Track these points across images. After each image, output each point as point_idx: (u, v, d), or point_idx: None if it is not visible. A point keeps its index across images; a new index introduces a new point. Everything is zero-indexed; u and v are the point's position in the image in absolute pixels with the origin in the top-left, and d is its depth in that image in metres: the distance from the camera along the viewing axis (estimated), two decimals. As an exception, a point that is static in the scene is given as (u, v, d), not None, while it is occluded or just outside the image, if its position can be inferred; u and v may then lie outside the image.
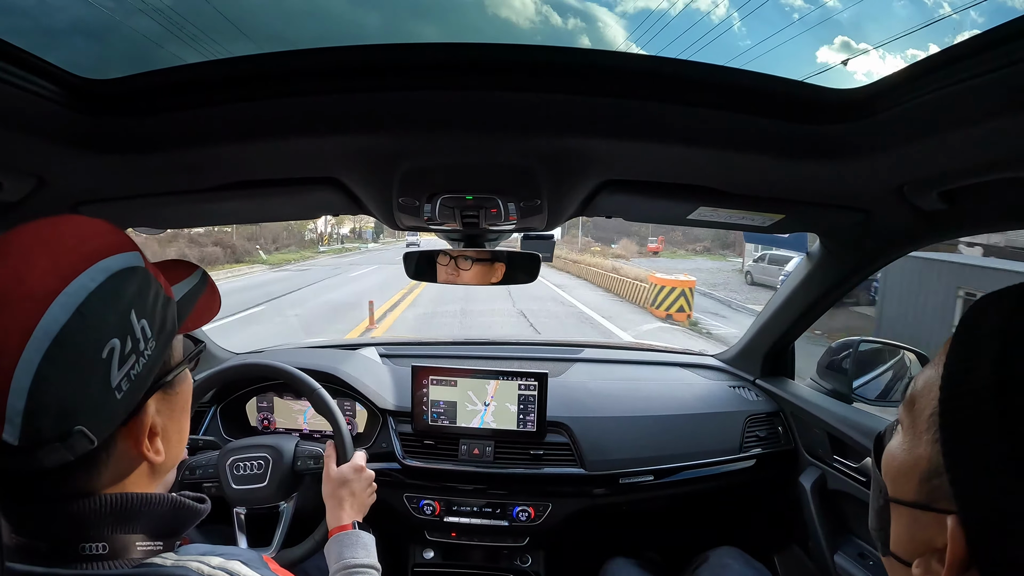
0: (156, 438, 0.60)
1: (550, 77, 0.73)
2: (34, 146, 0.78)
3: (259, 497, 1.41)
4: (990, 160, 0.72)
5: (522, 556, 1.80)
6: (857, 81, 0.68)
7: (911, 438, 0.48)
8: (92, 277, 0.52)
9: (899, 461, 0.50)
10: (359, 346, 2.17)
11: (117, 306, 0.53)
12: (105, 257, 0.54)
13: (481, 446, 1.72)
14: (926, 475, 0.45)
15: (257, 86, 0.76)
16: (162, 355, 0.59)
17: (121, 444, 0.57)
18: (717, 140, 0.80)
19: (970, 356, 0.43)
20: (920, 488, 0.46)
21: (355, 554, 1.11)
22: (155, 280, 0.59)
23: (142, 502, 0.59)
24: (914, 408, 0.49)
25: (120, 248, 0.56)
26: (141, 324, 0.55)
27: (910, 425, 0.49)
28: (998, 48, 0.57)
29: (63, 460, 0.50)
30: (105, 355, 0.51)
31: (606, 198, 1.08)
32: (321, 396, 1.44)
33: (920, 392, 0.48)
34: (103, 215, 1.09)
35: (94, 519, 0.56)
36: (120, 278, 0.54)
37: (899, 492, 0.49)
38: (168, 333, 0.60)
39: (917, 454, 0.47)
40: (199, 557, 0.60)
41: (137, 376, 0.55)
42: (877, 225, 1.10)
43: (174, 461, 0.67)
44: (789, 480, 1.79)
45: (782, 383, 1.91)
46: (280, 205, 1.21)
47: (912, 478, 0.47)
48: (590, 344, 2.38)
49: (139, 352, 0.55)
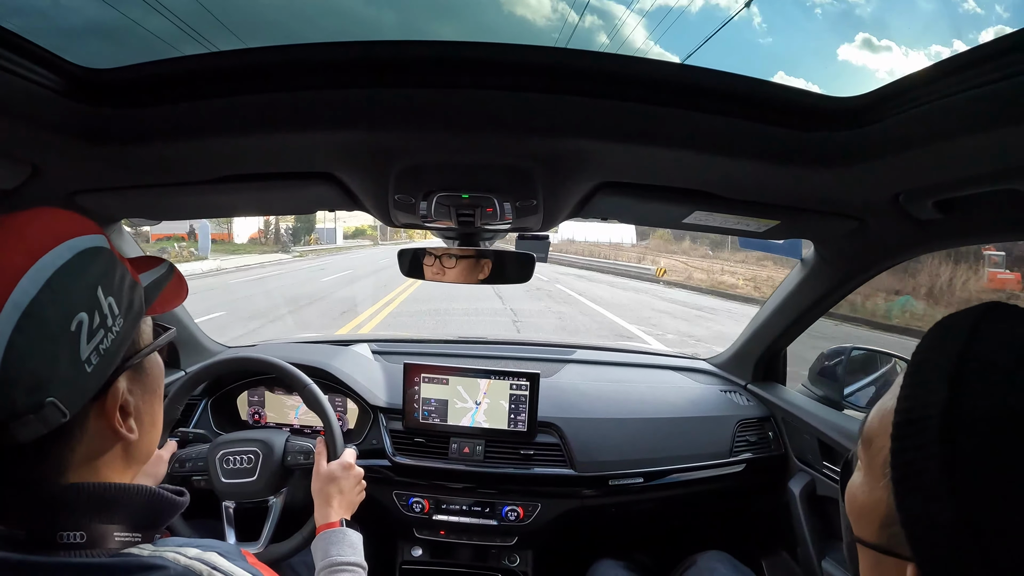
0: (129, 417, 0.62)
1: (548, 78, 0.73)
2: (29, 134, 0.78)
3: (248, 491, 1.40)
4: (986, 171, 0.72)
5: (510, 555, 1.80)
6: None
7: (870, 480, 0.48)
8: (59, 254, 0.54)
9: (859, 502, 0.50)
10: (351, 342, 2.16)
11: (84, 281, 0.55)
12: (72, 237, 0.56)
13: (471, 445, 1.72)
14: (885, 521, 0.45)
15: (254, 80, 0.76)
16: (130, 334, 0.61)
17: (94, 422, 0.58)
18: (713, 145, 0.80)
19: (917, 406, 0.43)
20: (880, 533, 0.46)
21: (342, 552, 1.12)
22: (120, 263, 0.61)
23: (119, 492, 0.60)
24: (871, 448, 0.48)
25: (85, 231, 0.58)
26: (108, 301, 0.57)
27: (868, 465, 0.49)
28: (995, 60, 0.57)
29: (37, 433, 0.51)
30: (74, 328, 0.53)
31: (602, 200, 1.08)
32: (313, 392, 1.44)
33: (876, 432, 0.48)
34: (98, 205, 1.09)
35: (72, 508, 0.56)
36: (86, 256, 0.56)
37: (862, 533, 0.49)
38: (135, 313, 0.62)
39: (876, 497, 0.47)
40: (176, 548, 0.60)
41: (106, 351, 0.56)
42: (872, 233, 1.10)
43: (149, 446, 0.68)
44: (778, 485, 1.80)
45: (773, 388, 1.91)
46: (275, 199, 1.21)
47: (873, 521, 0.47)
48: (582, 346, 2.38)
49: (107, 328, 0.57)
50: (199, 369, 1.51)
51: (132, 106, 0.78)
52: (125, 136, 0.82)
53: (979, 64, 0.59)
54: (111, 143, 0.82)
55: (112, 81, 0.76)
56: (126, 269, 0.62)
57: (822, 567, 1.53)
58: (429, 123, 0.80)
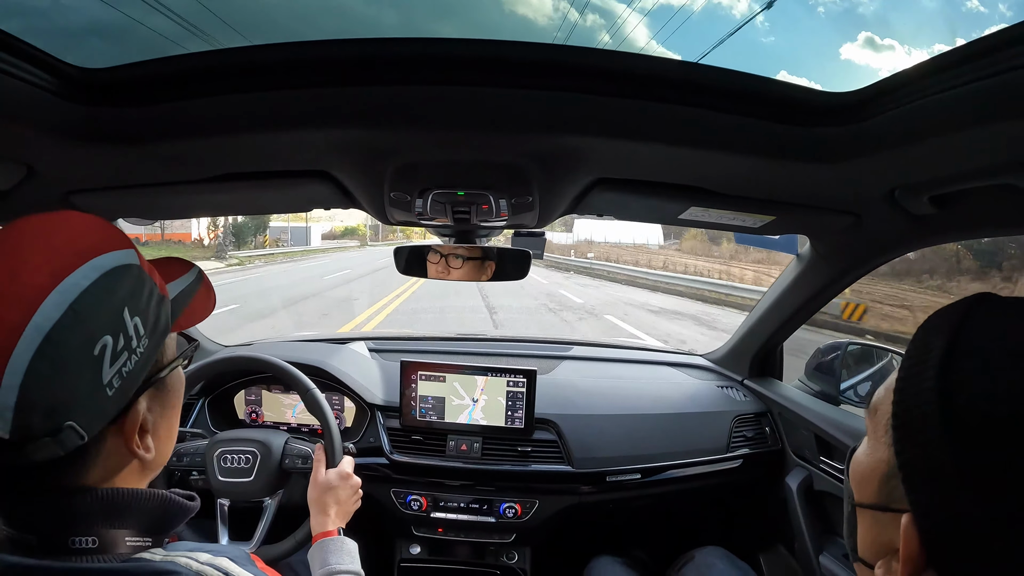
0: (147, 435, 0.61)
1: (543, 75, 0.73)
2: (24, 135, 0.78)
3: (244, 491, 1.40)
4: (981, 166, 0.72)
5: (508, 552, 1.80)
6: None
7: (873, 443, 0.51)
8: (85, 275, 0.52)
9: (863, 466, 0.52)
10: (348, 340, 2.16)
11: (110, 304, 0.53)
12: (99, 255, 0.54)
13: (469, 442, 1.72)
14: (885, 477, 0.47)
15: (249, 78, 0.75)
16: (155, 353, 0.59)
17: (111, 441, 0.57)
18: (709, 141, 0.80)
19: (918, 363, 0.45)
20: (880, 490, 0.48)
21: (340, 560, 1.11)
22: (149, 278, 0.59)
23: (132, 497, 0.59)
24: (876, 415, 0.50)
25: (114, 246, 0.56)
26: (134, 322, 0.55)
27: (872, 431, 0.51)
28: (989, 56, 0.57)
29: (53, 455, 0.50)
30: (97, 352, 0.51)
31: (598, 196, 1.08)
32: (315, 397, 1.44)
33: (881, 399, 0.50)
34: (94, 205, 1.08)
35: (84, 513, 0.56)
36: (113, 276, 0.54)
37: (862, 496, 0.51)
38: (161, 331, 0.60)
39: (877, 457, 0.49)
40: (187, 553, 0.60)
41: (129, 373, 0.55)
42: (867, 228, 1.11)
43: (164, 458, 0.67)
44: (776, 480, 1.80)
45: (770, 384, 1.92)
46: (271, 198, 1.20)
47: (873, 481, 0.49)
48: (579, 342, 2.38)
49: (131, 350, 0.55)
50: (198, 367, 1.51)
51: (127, 105, 0.77)
52: (120, 136, 0.81)
53: (973, 59, 0.59)
54: (106, 143, 0.82)
55: (106, 81, 0.76)
56: (154, 284, 0.60)
57: (819, 562, 1.54)
58: (424, 121, 0.80)
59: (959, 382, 0.42)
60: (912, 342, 0.48)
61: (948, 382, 0.42)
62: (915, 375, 0.45)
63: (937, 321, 0.47)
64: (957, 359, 0.43)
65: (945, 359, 0.43)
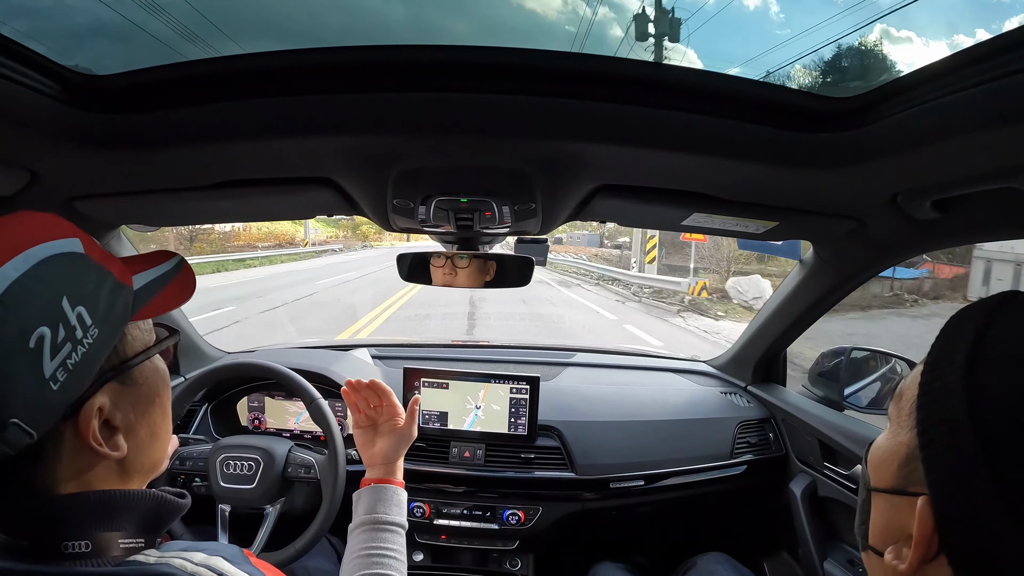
0: (117, 434, 0.59)
1: (546, 82, 0.73)
2: (27, 141, 0.78)
3: (245, 498, 1.40)
4: (984, 170, 0.72)
5: (512, 559, 1.80)
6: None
7: (895, 428, 0.52)
8: (15, 266, 0.50)
9: (882, 450, 0.53)
10: (351, 347, 2.16)
11: (44, 293, 0.51)
12: (33, 245, 0.52)
13: (472, 449, 1.72)
14: (904, 460, 0.48)
15: (252, 85, 0.76)
16: (109, 344, 0.57)
17: (70, 438, 0.55)
18: (712, 147, 0.80)
19: (948, 349, 0.47)
20: (898, 473, 0.49)
21: (388, 510, 1.03)
22: (98, 265, 0.57)
23: (124, 498, 0.59)
24: (900, 401, 0.52)
25: (53, 236, 0.54)
26: (77, 311, 0.53)
27: (895, 416, 0.52)
28: (993, 59, 0.57)
29: (2, 453, 0.49)
30: (33, 345, 0.49)
31: (601, 203, 1.08)
32: (320, 407, 1.44)
33: (907, 386, 0.51)
34: (96, 211, 1.09)
35: (76, 516, 0.55)
36: (48, 265, 0.52)
37: (879, 481, 0.52)
38: (116, 320, 0.58)
39: (899, 441, 0.50)
40: (181, 553, 0.59)
41: (75, 366, 0.52)
42: (870, 234, 1.10)
43: (151, 460, 0.65)
44: (779, 486, 1.80)
45: (773, 389, 1.92)
46: (274, 205, 1.21)
47: (891, 464, 0.50)
48: (583, 348, 2.38)
49: (76, 340, 0.52)
50: (201, 374, 1.51)
51: (130, 112, 0.78)
52: (123, 142, 0.81)
53: (976, 63, 0.59)
54: (109, 149, 0.82)
55: (110, 87, 0.76)
56: (106, 272, 0.57)
57: (824, 568, 1.53)
58: (427, 127, 0.80)
59: (985, 369, 0.43)
60: (943, 330, 0.50)
61: (974, 368, 0.43)
62: (944, 359, 0.47)
63: (970, 311, 0.49)
64: (985, 347, 0.44)
65: (974, 346, 0.45)
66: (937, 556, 0.44)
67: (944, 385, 0.45)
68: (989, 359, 0.43)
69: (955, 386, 0.44)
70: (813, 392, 1.78)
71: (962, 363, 0.44)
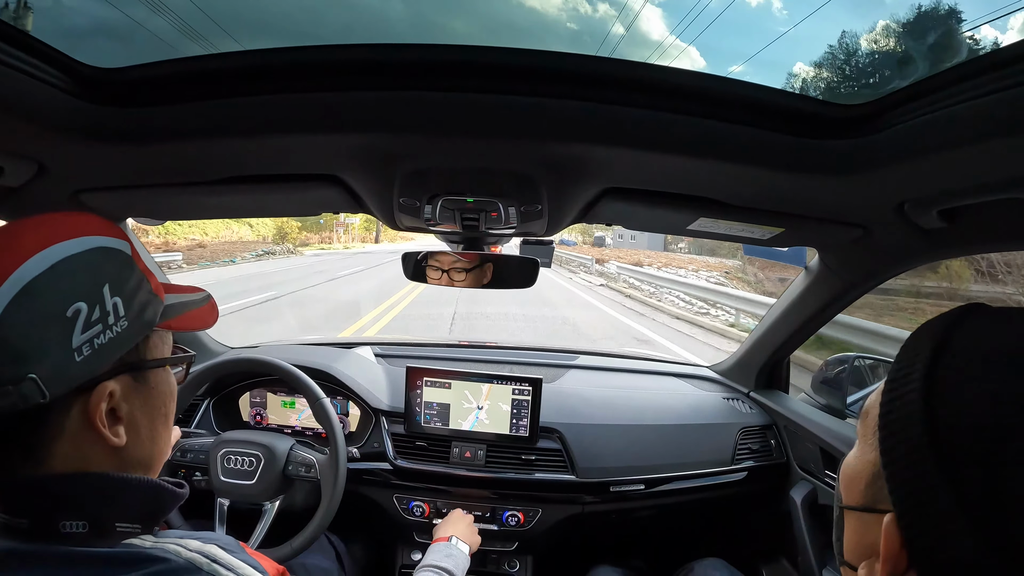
0: (119, 424, 0.61)
1: (555, 83, 0.73)
2: (36, 133, 0.78)
3: (245, 494, 1.41)
4: (992, 180, 0.72)
5: (510, 561, 1.79)
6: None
7: (862, 446, 0.52)
8: (72, 246, 0.56)
9: (851, 468, 0.53)
10: (354, 345, 2.17)
11: (91, 275, 0.57)
12: (93, 235, 0.59)
13: (473, 449, 1.71)
14: (871, 478, 0.49)
15: (261, 82, 0.76)
16: (133, 339, 0.61)
17: (77, 416, 0.57)
18: (719, 152, 0.80)
19: (907, 366, 0.47)
20: (866, 492, 0.50)
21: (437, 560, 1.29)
22: (140, 271, 0.63)
23: (122, 483, 0.61)
24: (867, 418, 0.52)
25: (111, 234, 0.61)
26: (114, 300, 0.58)
27: (863, 434, 0.53)
28: (1001, 69, 0.57)
29: (14, 406, 0.51)
30: (70, 314, 0.54)
31: (607, 205, 1.08)
32: (324, 407, 1.45)
33: (872, 403, 0.52)
34: (102, 204, 1.09)
35: (75, 497, 0.57)
36: (100, 253, 0.59)
37: (850, 499, 0.53)
38: (145, 322, 0.62)
39: (866, 460, 0.50)
40: (177, 540, 0.61)
41: (101, 347, 0.56)
42: (876, 242, 1.10)
43: (146, 456, 0.67)
44: (780, 493, 1.79)
45: (776, 396, 1.91)
46: (280, 201, 1.21)
47: (860, 483, 0.51)
48: (586, 351, 2.38)
49: (107, 324, 0.57)
50: (206, 367, 1.51)
51: (138, 106, 0.78)
52: (131, 136, 0.82)
53: (985, 72, 0.59)
54: (116, 142, 0.83)
55: (119, 80, 0.76)
56: (144, 279, 0.63)
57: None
58: (434, 127, 0.80)
59: (942, 387, 0.43)
60: (904, 346, 0.50)
61: (932, 386, 0.44)
62: (902, 377, 0.47)
63: (929, 327, 0.49)
64: (941, 364, 0.45)
65: (930, 364, 0.45)
66: (907, 572, 0.44)
67: (903, 403, 0.45)
68: (945, 376, 0.44)
69: (913, 404, 0.44)
70: (816, 400, 1.77)
71: (919, 380, 0.45)
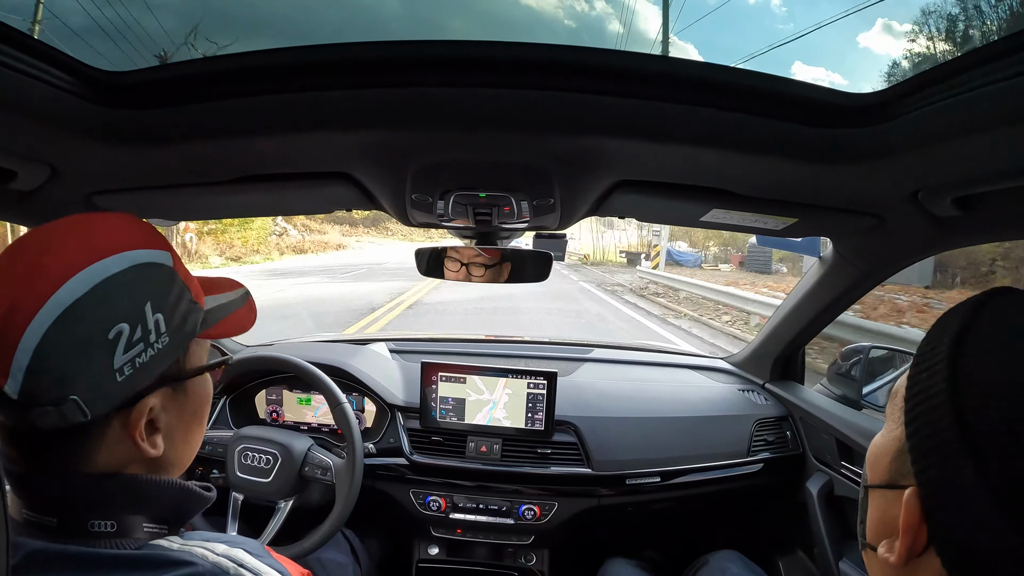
0: (157, 434, 0.62)
1: (565, 76, 0.73)
2: (49, 136, 0.79)
3: (260, 491, 1.42)
4: (1007, 167, 0.71)
5: (527, 554, 1.81)
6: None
7: (891, 425, 0.53)
8: (115, 263, 0.55)
9: (877, 447, 0.54)
10: (368, 341, 2.18)
11: (133, 294, 0.56)
12: (133, 249, 0.58)
13: (489, 443, 1.72)
14: (896, 454, 0.50)
15: (271, 81, 0.76)
16: (174, 354, 0.61)
17: (117, 428, 0.58)
18: (732, 142, 0.80)
19: (935, 342, 0.48)
20: (890, 468, 0.51)
21: None
22: (181, 282, 0.62)
23: (150, 484, 0.61)
24: (896, 398, 0.52)
25: (151, 245, 0.60)
26: (156, 318, 0.57)
27: (891, 413, 0.53)
28: (1015, 54, 0.56)
29: (54, 425, 0.52)
30: (112, 336, 0.54)
31: (619, 198, 1.07)
32: (345, 412, 1.47)
33: (900, 383, 0.52)
34: (115, 206, 1.10)
35: (104, 497, 0.58)
36: (142, 270, 0.58)
37: (874, 477, 0.53)
38: (185, 335, 0.62)
39: (892, 436, 0.51)
40: (203, 543, 0.61)
41: (142, 365, 0.57)
42: (890, 231, 1.09)
43: (179, 463, 0.68)
44: (796, 485, 1.79)
45: (791, 387, 1.90)
46: (293, 199, 1.22)
47: (884, 459, 0.52)
48: (600, 344, 2.38)
49: (148, 343, 0.57)
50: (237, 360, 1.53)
51: (149, 108, 0.79)
52: (142, 137, 0.82)
53: (999, 58, 0.58)
54: (128, 145, 0.83)
55: (129, 83, 0.77)
56: (186, 289, 0.63)
57: (839, 568, 1.52)
58: (446, 122, 0.80)
59: (966, 364, 0.44)
60: (933, 326, 0.51)
61: (957, 362, 0.45)
62: (929, 352, 0.48)
63: (958, 307, 0.50)
64: (968, 341, 0.45)
65: (957, 340, 0.46)
66: (926, 549, 0.45)
67: (929, 377, 0.46)
68: (971, 351, 0.45)
69: (939, 377, 0.45)
70: (831, 391, 1.76)
71: (945, 355, 0.46)
